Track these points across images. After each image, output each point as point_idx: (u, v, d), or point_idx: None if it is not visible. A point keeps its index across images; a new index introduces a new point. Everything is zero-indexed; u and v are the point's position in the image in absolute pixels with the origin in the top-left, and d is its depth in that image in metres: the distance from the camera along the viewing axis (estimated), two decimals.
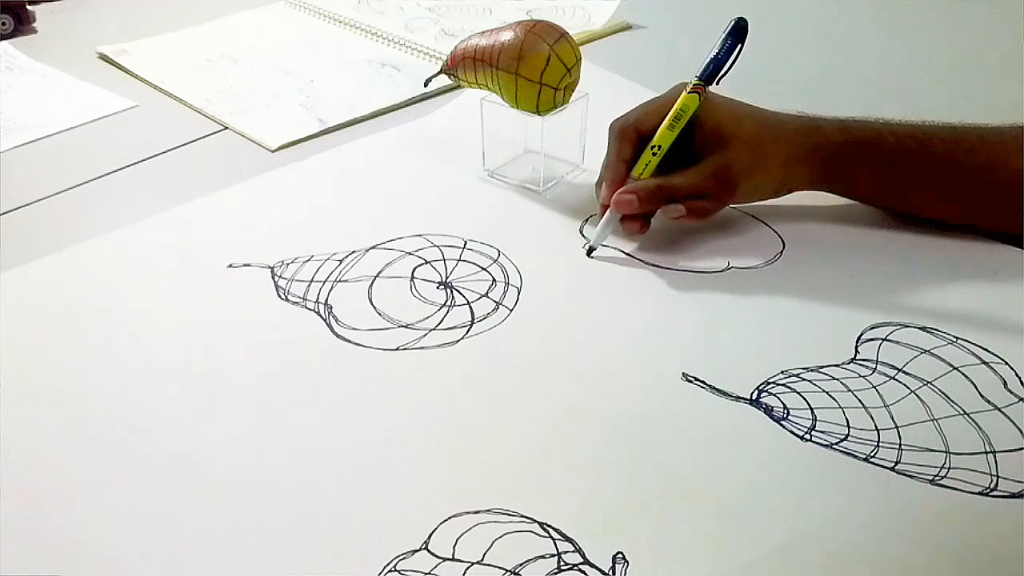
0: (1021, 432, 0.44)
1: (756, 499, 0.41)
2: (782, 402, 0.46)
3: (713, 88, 0.57)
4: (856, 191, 0.59)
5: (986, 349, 0.49)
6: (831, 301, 0.53)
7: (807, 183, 0.58)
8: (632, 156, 0.58)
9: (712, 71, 0.57)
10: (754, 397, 0.46)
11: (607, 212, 0.57)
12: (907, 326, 0.51)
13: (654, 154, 0.56)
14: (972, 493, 0.41)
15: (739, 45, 0.57)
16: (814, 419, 0.45)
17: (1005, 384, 0.47)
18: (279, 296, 0.54)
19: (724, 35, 0.57)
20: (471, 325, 0.52)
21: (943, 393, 0.46)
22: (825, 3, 0.97)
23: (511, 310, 0.53)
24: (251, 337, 0.51)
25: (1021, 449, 0.43)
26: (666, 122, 0.56)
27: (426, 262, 0.57)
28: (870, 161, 0.57)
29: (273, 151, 0.71)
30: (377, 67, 0.85)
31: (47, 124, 0.75)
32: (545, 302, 0.54)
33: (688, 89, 0.56)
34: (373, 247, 0.58)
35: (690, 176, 0.56)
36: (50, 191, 0.66)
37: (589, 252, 0.58)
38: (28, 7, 0.94)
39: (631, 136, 0.58)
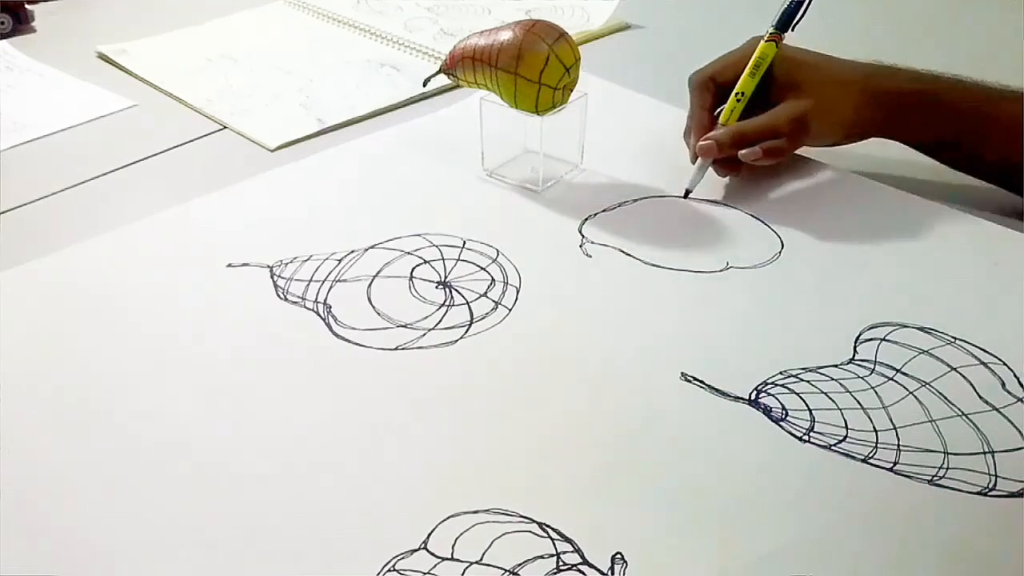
0: (1020, 432, 0.44)
1: (754, 500, 0.41)
2: (780, 403, 0.46)
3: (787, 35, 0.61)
4: (922, 140, 0.61)
5: (984, 350, 0.49)
6: (830, 301, 0.53)
7: (877, 128, 0.61)
8: (712, 104, 0.62)
9: (786, 19, 0.61)
10: (753, 397, 0.46)
11: (699, 159, 0.61)
12: (905, 326, 0.51)
13: (738, 100, 0.61)
14: (971, 493, 0.41)
15: None
16: (812, 420, 0.45)
17: (1003, 385, 0.47)
18: (278, 296, 0.55)
19: None
20: (470, 325, 0.52)
21: (941, 394, 0.46)
22: (823, 1, 0.97)
23: (510, 310, 0.53)
24: (250, 336, 0.51)
25: (1019, 449, 0.43)
26: (747, 70, 0.60)
27: (425, 262, 0.57)
28: (940, 111, 0.59)
29: (272, 151, 0.71)
30: (376, 67, 0.85)
31: (46, 124, 0.75)
32: (544, 302, 0.54)
33: (765, 38, 0.60)
34: (372, 247, 0.58)
35: (764, 119, 0.60)
36: (50, 191, 0.66)
37: (686, 195, 0.62)
38: (27, 6, 0.94)
39: (710, 87, 0.62)
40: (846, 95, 0.60)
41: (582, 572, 0.38)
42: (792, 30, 0.61)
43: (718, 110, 0.62)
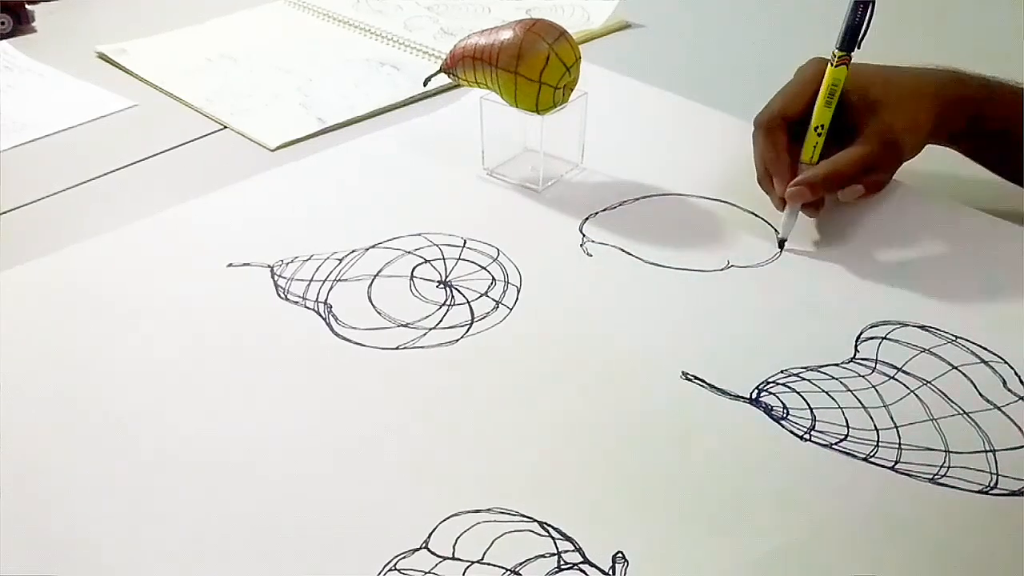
0: (1021, 430, 0.44)
1: (755, 499, 0.41)
2: (782, 402, 0.46)
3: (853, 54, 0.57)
4: (993, 148, 0.59)
5: (985, 348, 0.49)
6: (830, 300, 0.53)
7: (950, 136, 0.59)
8: (789, 143, 0.58)
9: (850, 39, 0.57)
10: (754, 396, 0.46)
11: (788, 206, 0.57)
12: (906, 324, 0.51)
13: (819, 135, 0.57)
14: (972, 491, 0.41)
15: (870, 8, 0.57)
16: (814, 419, 0.45)
17: (1004, 383, 0.47)
18: (279, 295, 0.54)
19: (854, 2, 0.57)
20: (471, 324, 0.52)
21: (942, 393, 0.46)
22: (822, 2, 0.97)
23: (511, 309, 0.53)
24: (250, 336, 0.51)
25: (1021, 447, 0.43)
26: (820, 100, 0.57)
27: (426, 261, 0.57)
28: (1011, 117, 0.57)
29: (272, 150, 0.71)
30: (376, 66, 0.85)
31: (47, 124, 0.75)
32: (545, 301, 0.54)
33: (834, 63, 0.57)
34: (373, 246, 0.58)
35: (855, 154, 0.56)
36: (50, 191, 0.66)
37: (781, 245, 0.57)
38: (27, 6, 0.94)
39: (782, 125, 0.58)
40: (924, 106, 0.57)
41: (583, 571, 0.38)
42: (859, 47, 0.57)
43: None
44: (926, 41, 0.88)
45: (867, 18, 0.57)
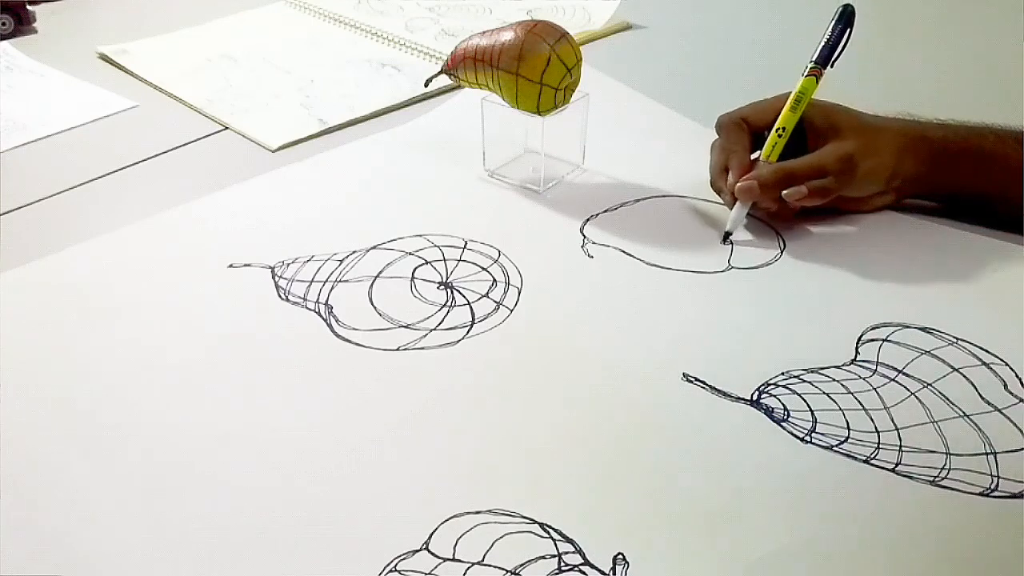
0: (1021, 433, 0.44)
1: (756, 500, 0.41)
2: (783, 403, 0.46)
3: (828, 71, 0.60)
4: (956, 187, 0.60)
5: (986, 350, 0.49)
6: (831, 301, 0.53)
7: (913, 176, 0.59)
8: (751, 144, 0.60)
9: (827, 55, 0.60)
10: (754, 398, 0.46)
11: (738, 200, 0.58)
12: (907, 327, 0.51)
13: (780, 136, 0.58)
14: (972, 494, 0.41)
15: (848, 30, 0.60)
16: (814, 421, 0.45)
17: (1005, 386, 0.47)
18: (280, 296, 0.54)
19: (834, 21, 0.60)
20: (471, 325, 0.52)
21: (943, 395, 0.46)
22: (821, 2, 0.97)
23: (511, 310, 0.53)
24: (251, 337, 0.51)
25: (1021, 450, 0.43)
26: (788, 104, 0.59)
27: (426, 262, 0.57)
28: (972, 156, 0.58)
29: (274, 151, 0.71)
30: (377, 67, 0.85)
31: (47, 124, 0.75)
32: (545, 302, 0.54)
33: (805, 73, 0.59)
34: (373, 247, 0.58)
35: (811, 158, 0.58)
36: (50, 191, 0.66)
37: (725, 238, 0.58)
38: (28, 7, 0.94)
39: (743, 126, 0.60)
40: (886, 140, 0.58)
41: (584, 573, 0.38)
42: (832, 66, 0.59)
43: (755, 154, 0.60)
44: (927, 42, 0.88)
45: (844, 40, 0.60)
